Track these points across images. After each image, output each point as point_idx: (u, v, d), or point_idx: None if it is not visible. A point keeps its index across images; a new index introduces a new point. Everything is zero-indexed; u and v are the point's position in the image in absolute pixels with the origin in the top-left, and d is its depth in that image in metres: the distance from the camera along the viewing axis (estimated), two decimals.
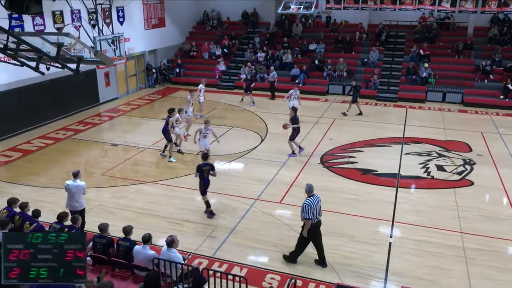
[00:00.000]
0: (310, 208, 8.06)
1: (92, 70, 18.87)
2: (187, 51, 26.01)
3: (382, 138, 15.92)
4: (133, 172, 13.01)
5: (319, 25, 26.58)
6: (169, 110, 13.94)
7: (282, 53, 24.02)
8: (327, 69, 22.82)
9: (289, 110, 14.52)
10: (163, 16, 24.61)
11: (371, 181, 12.36)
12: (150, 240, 7.33)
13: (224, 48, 25.49)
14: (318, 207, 8.23)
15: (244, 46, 25.65)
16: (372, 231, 9.81)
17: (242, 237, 9.55)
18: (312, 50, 24.15)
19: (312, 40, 24.65)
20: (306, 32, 25.83)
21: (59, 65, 6.82)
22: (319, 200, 8.28)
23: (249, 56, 24.41)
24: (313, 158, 13.94)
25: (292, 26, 25.78)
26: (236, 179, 12.59)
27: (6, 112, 15.43)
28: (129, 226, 7.62)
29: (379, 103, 20.97)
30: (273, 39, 25.49)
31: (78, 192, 9.15)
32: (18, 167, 13.45)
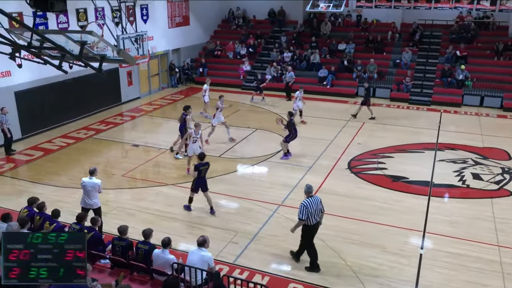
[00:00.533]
0: (306, 209, 8.15)
1: (115, 69, 19.22)
2: (211, 50, 26.23)
3: (414, 143, 15.66)
4: (154, 174, 13.17)
5: (349, 24, 26.40)
6: (185, 107, 14.11)
7: (310, 53, 23.95)
8: (357, 70, 22.62)
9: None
10: (187, 14, 24.89)
11: (401, 189, 12.18)
12: (169, 244, 7.40)
13: (249, 48, 25.59)
14: (317, 209, 8.27)
15: (270, 45, 25.69)
16: (402, 241, 9.65)
17: (265, 243, 9.53)
18: (341, 50, 24.00)
19: (342, 39, 24.50)
20: (335, 31, 25.70)
21: (82, 63, 6.97)
22: (318, 201, 8.31)
23: (275, 56, 24.43)
24: (341, 163, 13.82)
25: (321, 25, 25.68)
26: (260, 183, 12.59)
27: (29, 110, 15.88)
28: (149, 229, 7.71)
29: (412, 106, 20.66)
30: (301, 39, 25.45)
31: (93, 190, 9.33)
32: (39, 166, 13.81)
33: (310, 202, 8.21)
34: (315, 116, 18.80)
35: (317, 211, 8.29)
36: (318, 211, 8.32)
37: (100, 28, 17.71)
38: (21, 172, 13.55)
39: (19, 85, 15.51)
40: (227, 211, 11.07)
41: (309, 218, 8.24)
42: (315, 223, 8.33)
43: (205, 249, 7.25)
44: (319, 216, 8.39)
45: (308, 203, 8.19)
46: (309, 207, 8.18)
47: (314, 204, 8.23)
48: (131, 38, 13.98)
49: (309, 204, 8.19)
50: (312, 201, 8.24)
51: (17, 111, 15.52)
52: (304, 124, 17.49)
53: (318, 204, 8.31)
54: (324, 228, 9.97)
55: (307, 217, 8.22)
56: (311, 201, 8.22)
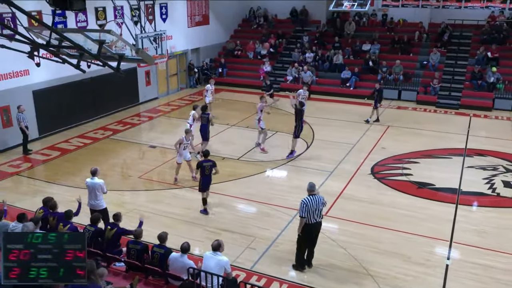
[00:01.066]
0: (306, 207, 8.21)
1: (133, 68, 19.47)
2: (231, 50, 26.35)
3: (441, 148, 15.44)
4: (171, 176, 13.26)
5: (374, 23, 26.21)
6: (203, 107, 14.25)
7: (333, 53, 23.85)
8: (382, 71, 22.42)
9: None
10: (207, 14, 25.07)
11: (427, 196, 12.02)
12: (188, 249, 7.45)
13: (270, 48, 25.62)
14: (318, 209, 8.31)
15: (292, 45, 25.67)
16: (427, 251, 9.51)
17: (283, 250, 9.51)
18: (365, 50, 23.84)
19: (366, 40, 24.34)
20: (359, 31, 25.54)
21: (100, 62, 7.08)
22: (320, 201, 8.35)
23: (296, 56, 24.41)
24: (363, 168, 13.71)
25: (345, 24, 25.56)
26: (279, 187, 12.57)
27: (46, 109, 16.19)
28: (165, 232, 7.77)
29: (439, 110, 20.38)
30: (323, 39, 25.37)
31: (96, 191, 9.46)
32: (55, 166, 14.07)
33: (311, 200, 8.28)
34: (337, 118, 18.70)
35: (317, 211, 8.33)
36: (319, 211, 8.36)
37: (119, 27, 17.97)
38: (38, 172, 13.83)
39: (37, 84, 15.85)
40: (245, 216, 11.08)
41: (309, 217, 8.29)
42: (314, 222, 8.35)
43: (220, 253, 7.27)
44: (320, 216, 8.42)
45: (308, 200, 8.27)
46: (309, 205, 8.24)
47: (314, 203, 8.27)
48: (149, 37, 14.13)
49: (309, 201, 8.26)
50: (313, 199, 8.29)
51: (34, 110, 15.86)
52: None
53: (320, 203, 8.35)
54: (346, 236, 9.93)
55: (307, 215, 8.27)
56: (311, 199, 8.29)
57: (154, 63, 16.30)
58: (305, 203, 8.26)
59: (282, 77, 23.93)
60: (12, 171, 13.64)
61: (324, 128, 17.46)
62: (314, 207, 8.28)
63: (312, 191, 8.43)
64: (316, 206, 8.31)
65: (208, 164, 10.74)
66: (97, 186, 9.46)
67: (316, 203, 8.30)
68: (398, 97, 21.82)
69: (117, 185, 12.38)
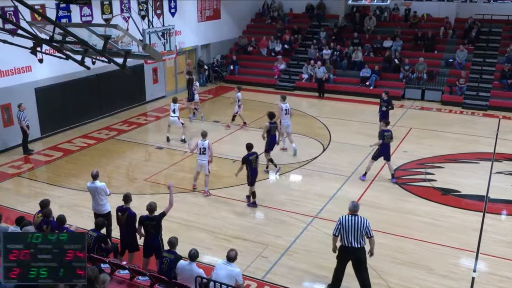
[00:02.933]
0: (340, 226, 7.90)
1: (140, 65, 19.60)
2: (243, 46, 26.40)
3: (467, 153, 15.30)
4: (178, 179, 13.32)
5: (396, 18, 26.06)
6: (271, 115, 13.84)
7: (352, 50, 23.77)
8: (404, 70, 22.29)
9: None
10: (218, 8, 25.16)
11: (452, 204, 11.92)
12: (197, 257, 7.48)
13: (285, 44, 25.62)
14: (356, 233, 7.82)
15: (308, 41, 25.64)
16: (452, 262, 9.43)
17: (297, 259, 9.49)
18: (386, 47, 23.72)
19: (387, 36, 24.21)
20: (380, 26, 25.43)
21: (106, 59, 7.14)
22: (360, 224, 7.83)
23: (312, 53, 24.36)
24: (384, 172, 13.63)
25: (364, 19, 25.45)
26: (293, 192, 12.55)
27: (49, 108, 16.38)
28: (175, 237, 7.85)
29: (465, 111, 20.20)
30: (342, 34, 25.30)
31: (99, 195, 9.54)
32: (58, 168, 14.21)
33: (348, 220, 7.89)
34: (356, 120, 18.63)
35: (356, 234, 7.83)
36: (358, 234, 7.84)
37: (126, 22, 18.10)
38: (39, 173, 13.99)
39: (40, 81, 16.05)
40: (257, 222, 11.08)
41: (343, 238, 7.93)
42: (350, 246, 7.89)
43: (233, 264, 7.28)
44: (360, 242, 7.88)
45: (346, 220, 7.91)
46: (343, 224, 7.88)
47: (352, 224, 7.84)
48: (157, 32, 14.19)
49: (346, 221, 7.88)
50: (351, 219, 7.88)
51: (36, 108, 16.05)
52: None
53: (360, 226, 7.84)
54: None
55: (340, 235, 7.94)
56: (349, 219, 7.89)
57: (162, 59, 16.39)
58: (340, 222, 7.95)
59: (297, 75, 23.89)
60: (12, 172, 13.81)
61: (341, 129, 17.39)
62: (352, 228, 7.82)
63: (355, 211, 8.02)
64: (353, 229, 7.82)
65: (254, 157, 11.34)
66: (99, 189, 9.54)
67: (354, 225, 7.83)
68: (422, 97, 21.67)
69: (122, 188, 12.45)
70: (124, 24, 17.75)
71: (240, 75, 24.96)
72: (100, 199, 9.57)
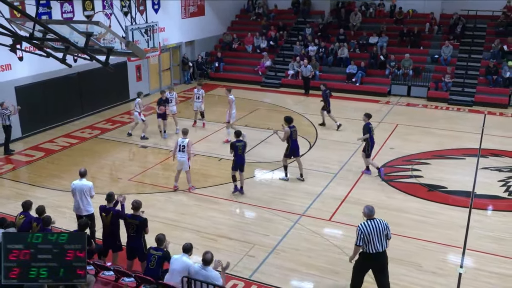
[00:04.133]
0: (362, 233, 7.52)
1: (123, 62, 19.43)
2: (228, 43, 26.35)
3: (453, 149, 15.45)
4: (164, 178, 13.26)
5: (381, 14, 26.21)
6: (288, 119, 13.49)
7: (337, 46, 23.86)
8: (390, 66, 22.44)
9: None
10: (202, 4, 25.07)
11: (439, 200, 12.02)
12: (191, 250, 7.52)
13: (270, 40, 25.62)
14: (380, 236, 7.53)
15: (294, 38, 25.67)
16: (439, 259, 9.51)
17: (284, 258, 9.51)
18: (372, 43, 23.85)
19: (373, 32, 24.34)
20: (366, 22, 25.55)
21: (88, 56, 7.08)
22: (382, 226, 7.57)
23: (298, 49, 24.40)
24: (371, 169, 13.69)
25: (350, 15, 25.57)
26: (280, 190, 12.57)
27: (29, 107, 16.14)
28: (162, 234, 7.85)
29: (451, 107, 20.40)
30: (327, 31, 25.39)
31: (85, 194, 9.45)
32: (39, 168, 14.04)
33: (369, 226, 7.54)
34: (342, 117, 18.68)
35: (380, 238, 7.53)
36: (382, 237, 7.56)
37: (108, 18, 17.95)
38: (21, 174, 13.82)
39: (20, 80, 15.84)
40: (243, 221, 11.08)
41: (367, 245, 7.55)
42: (374, 252, 7.55)
43: (210, 267, 7.18)
44: (383, 245, 7.60)
45: (366, 227, 7.54)
46: (365, 232, 7.51)
47: (374, 229, 7.52)
48: (140, 29, 14.11)
49: (367, 228, 7.52)
50: (372, 224, 7.55)
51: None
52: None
53: (382, 228, 7.55)
54: (352, 243, 9.85)
55: (364, 243, 7.57)
56: (369, 225, 7.54)
57: (146, 57, 16.26)
58: (361, 230, 7.53)
59: (283, 72, 23.92)
60: None
61: (328, 126, 17.44)
62: (374, 234, 7.50)
63: (371, 215, 7.69)
64: (377, 233, 7.52)
65: (241, 144, 11.91)
66: (86, 188, 9.44)
67: (376, 229, 7.52)
68: (408, 94, 21.84)
69: (106, 188, 12.31)
70: (106, 21, 17.60)
71: (225, 72, 24.92)
72: (85, 199, 9.45)
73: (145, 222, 8.32)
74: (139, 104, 16.08)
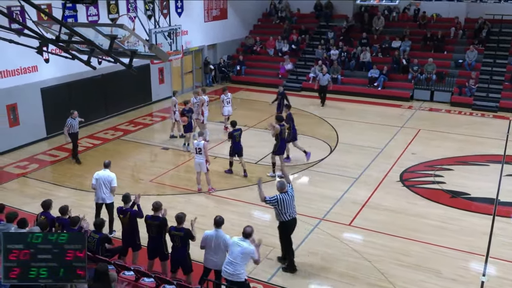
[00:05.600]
0: (276, 202, 8.72)
1: (146, 65, 19.67)
2: (250, 47, 26.43)
3: (477, 155, 15.21)
4: (184, 180, 13.35)
5: (404, 18, 26.00)
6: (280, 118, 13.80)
7: (360, 50, 23.74)
8: (413, 70, 22.22)
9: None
10: (225, 7, 25.21)
11: (461, 206, 11.86)
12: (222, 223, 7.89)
13: (292, 44, 25.62)
14: (292, 205, 8.90)
15: (316, 42, 25.62)
16: (460, 266, 9.38)
17: (303, 262, 9.48)
18: (395, 48, 23.66)
19: (396, 36, 24.15)
20: (389, 26, 25.37)
21: (112, 59, 7.18)
22: (292, 196, 8.90)
23: (320, 53, 24.34)
24: (392, 174, 13.59)
25: (373, 19, 25.40)
26: (299, 194, 12.44)
27: (54, 108, 16.46)
28: (182, 212, 8.21)
29: (475, 112, 20.09)
30: (350, 35, 25.28)
31: (104, 184, 10.00)
32: (63, 168, 14.28)
33: (284, 198, 8.75)
34: (364, 121, 18.59)
35: (292, 207, 8.88)
36: (293, 207, 8.92)
37: (132, 21, 18.18)
38: (45, 173, 14.06)
39: (46, 81, 16.16)
40: (262, 224, 11.07)
41: (283, 215, 8.82)
42: (290, 219, 8.88)
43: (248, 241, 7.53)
44: (295, 212, 8.98)
45: (282, 199, 8.75)
46: (282, 202, 8.74)
47: (288, 199, 8.79)
48: (164, 32, 14.26)
49: (283, 200, 8.75)
50: (285, 197, 8.76)
51: (42, 108, 16.16)
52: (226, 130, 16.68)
53: (292, 200, 8.91)
54: (371, 248, 9.86)
55: (282, 214, 8.80)
56: (284, 197, 8.76)
57: (168, 59, 16.46)
58: (277, 202, 8.75)
59: (304, 75, 23.87)
60: (18, 172, 13.91)
61: (349, 131, 17.35)
62: (289, 204, 8.80)
63: (283, 189, 8.88)
64: (291, 202, 8.84)
65: (238, 133, 13.26)
66: (109, 179, 9.98)
67: (290, 199, 8.82)
68: (431, 99, 21.57)
69: (127, 189, 12.44)
70: (130, 24, 17.83)
71: (247, 75, 25.00)
72: (106, 189, 10.03)
73: (165, 222, 8.40)
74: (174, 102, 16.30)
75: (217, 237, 7.79)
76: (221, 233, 7.83)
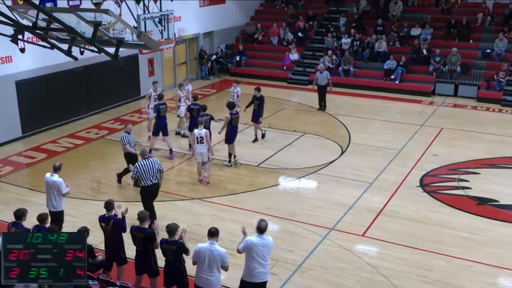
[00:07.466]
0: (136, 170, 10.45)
1: (134, 55, 19.68)
2: (251, 35, 26.46)
3: (506, 157, 15.24)
4: (177, 185, 13.37)
5: (425, 3, 26.02)
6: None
7: (374, 39, 23.76)
8: (435, 61, 22.24)
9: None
10: None
11: (489, 215, 11.87)
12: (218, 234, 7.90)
13: (299, 32, 25.65)
14: (154, 171, 10.52)
15: (325, 29, 25.65)
16: (488, 282, 9.40)
17: (311, 276, 9.50)
18: (414, 36, 23.68)
19: (415, 23, 24.18)
20: (407, 12, 25.42)
21: (95, 48, 7.21)
22: (154, 164, 10.55)
23: (330, 42, 24.37)
24: (411, 179, 13.61)
25: (390, 4, 25.45)
26: (307, 201, 12.56)
27: (31, 104, 16.49)
28: (174, 223, 8.11)
29: (505, 109, 20.11)
30: (363, 21, 25.31)
31: (54, 190, 9.91)
32: (41, 171, 14.25)
33: (145, 164, 10.45)
34: (379, 119, 18.60)
35: (153, 173, 10.50)
36: (155, 172, 10.54)
37: (118, 6, 18.17)
38: (20, 177, 14.08)
39: (21, 73, 16.16)
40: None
41: (144, 180, 10.45)
42: (151, 184, 10.53)
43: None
44: (157, 178, 10.65)
45: (142, 165, 10.44)
46: (141, 169, 10.41)
47: (148, 166, 10.44)
48: (154, 18, 14.27)
49: (144, 166, 10.43)
50: (147, 163, 10.46)
51: (17, 104, 16.17)
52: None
53: (154, 165, 10.54)
54: (388, 261, 9.88)
55: (143, 179, 10.44)
56: (145, 163, 10.45)
57: (159, 49, 16.47)
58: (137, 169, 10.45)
59: (312, 67, 23.83)
60: None
61: (362, 130, 17.37)
62: (149, 170, 10.43)
63: (144, 155, 10.81)
64: (150, 169, 10.45)
65: (235, 116, 13.99)
66: (55, 185, 9.90)
67: (150, 166, 10.47)
68: (455, 93, 21.59)
69: (113, 194, 12.51)
70: (116, 9, 17.82)
71: (247, 67, 25.02)
72: (55, 196, 9.97)
73: (152, 235, 8.34)
74: (179, 96, 16.42)
75: (212, 251, 7.68)
76: (216, 246, 7.74)
